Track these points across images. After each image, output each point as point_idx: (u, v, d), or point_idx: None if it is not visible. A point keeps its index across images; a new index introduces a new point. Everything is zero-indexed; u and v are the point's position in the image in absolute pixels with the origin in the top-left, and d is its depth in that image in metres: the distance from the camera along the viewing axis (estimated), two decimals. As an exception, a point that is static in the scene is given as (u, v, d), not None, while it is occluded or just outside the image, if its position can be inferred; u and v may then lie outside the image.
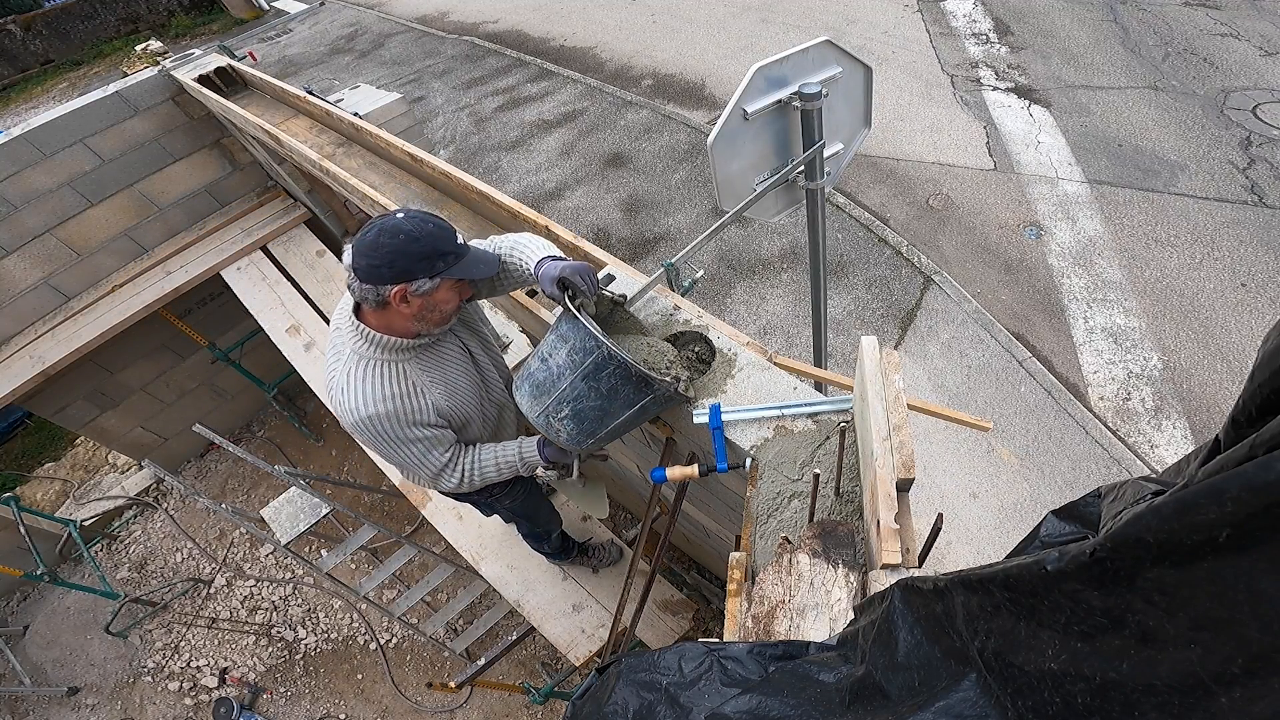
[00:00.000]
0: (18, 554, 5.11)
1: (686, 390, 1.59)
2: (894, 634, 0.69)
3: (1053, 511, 0.79)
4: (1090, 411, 4.16)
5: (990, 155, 6.07)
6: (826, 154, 2.17)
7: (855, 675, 0.73)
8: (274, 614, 5.27)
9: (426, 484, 1.90)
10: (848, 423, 1.48)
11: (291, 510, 3.36)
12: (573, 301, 1.53)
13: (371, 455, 3.65)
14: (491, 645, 3.64)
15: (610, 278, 1.94)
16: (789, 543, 1.20)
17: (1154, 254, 4.97)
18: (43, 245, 4.29)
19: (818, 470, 1.25)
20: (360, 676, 4.87)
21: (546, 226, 2.38)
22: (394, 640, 4.98)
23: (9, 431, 7.35)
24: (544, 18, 10.83)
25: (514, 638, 3.55)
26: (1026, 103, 6.54)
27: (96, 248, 4.50)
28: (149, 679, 5.05)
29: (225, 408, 6.41)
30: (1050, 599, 0.50)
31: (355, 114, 3.67)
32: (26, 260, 4.27)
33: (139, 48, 12.98)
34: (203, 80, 4.21)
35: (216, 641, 5.17)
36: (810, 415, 1.54)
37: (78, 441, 6.99)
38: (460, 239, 1.52)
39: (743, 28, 8.91)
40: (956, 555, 3.67)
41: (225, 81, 4.35)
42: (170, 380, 5.78)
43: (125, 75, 5.77)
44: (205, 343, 5.51)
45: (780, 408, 1.56)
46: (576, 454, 1.84)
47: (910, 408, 1.37)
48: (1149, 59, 6.73)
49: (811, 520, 1.29)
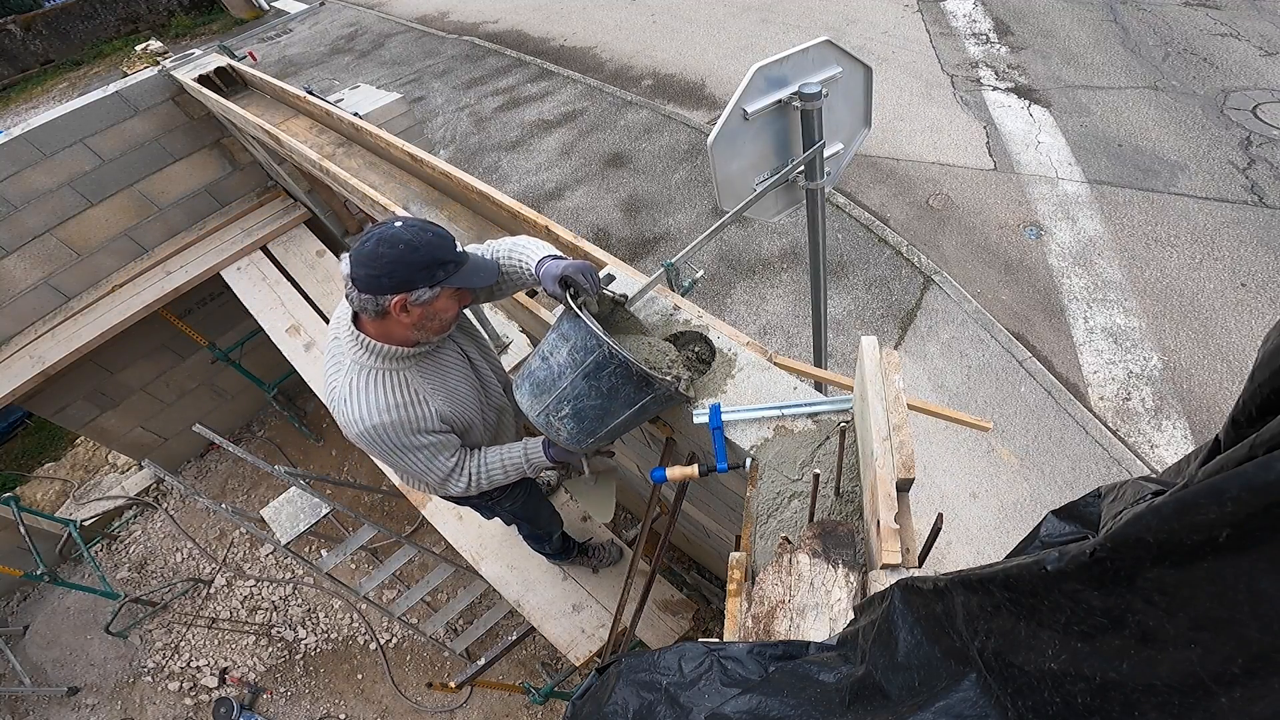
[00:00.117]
0: (18, 554, 5.12)
1: (687, 390, 1.59)
2: (894, 634, 0.69)
3: (1053, 511, 0.79)
4: (1090, 411, 4.16)
5: (990, 155, 6.07)
6: (826, 154, 2.17)
7: (855, 675, 0.73)
8: (274, 614, 5.27)
9: (434, 490, 1.89)
10: (848, 423, 1.47)
11: (291, 510, 3.36)
12: (575, 300, 1.53)
13: (376, 461, 3.65)
14: (491, 645, 3.64)
15: (610, 278, 1.94)
16: (789, 543, 1.20)
17: (1154, 254, 4.97)
18: (43, 245, 4.29)
19: (818, 470, 1.25)
20: (360, 676, 4.87)
21: (546, 226, 2.38)
22: (394, 640, 4.98)
23: (9, 431, 7.35)
24: (544, 18, 10.83)
25: (514, 638, 3.55)
26: (1026, 103, 6.54)
27: (96, 248, 4.51)
28: (149, 679, 5.05)
29: (225, 408, 6.41)
30: (1050, 599, 0.50)
31: (355, 114, 3.66)
32: (26, 260, 4.27)
33: (139, 48, 12.97)
34: (203, 80, 4.21)
35: (216, 641, 5.17)
36: (810, 415, 1.54)
37: (78, 441, 6.99)
38: (459, 247, 1.52)
39: (743, 28, 8.91)
40: (956, 555, 3.67)
41: (225, 81, 4.36)
42: (170, 380, 5.78)
43: (125, 75, 5.77)
44: (205, 343, 5.51)
45: (780, 408, 1.56)
46: (583, 452, 1.84)
47: (910, 408, 1.36)
48: (1149, 59, 6.73)
49: (811, 520, 1.29)
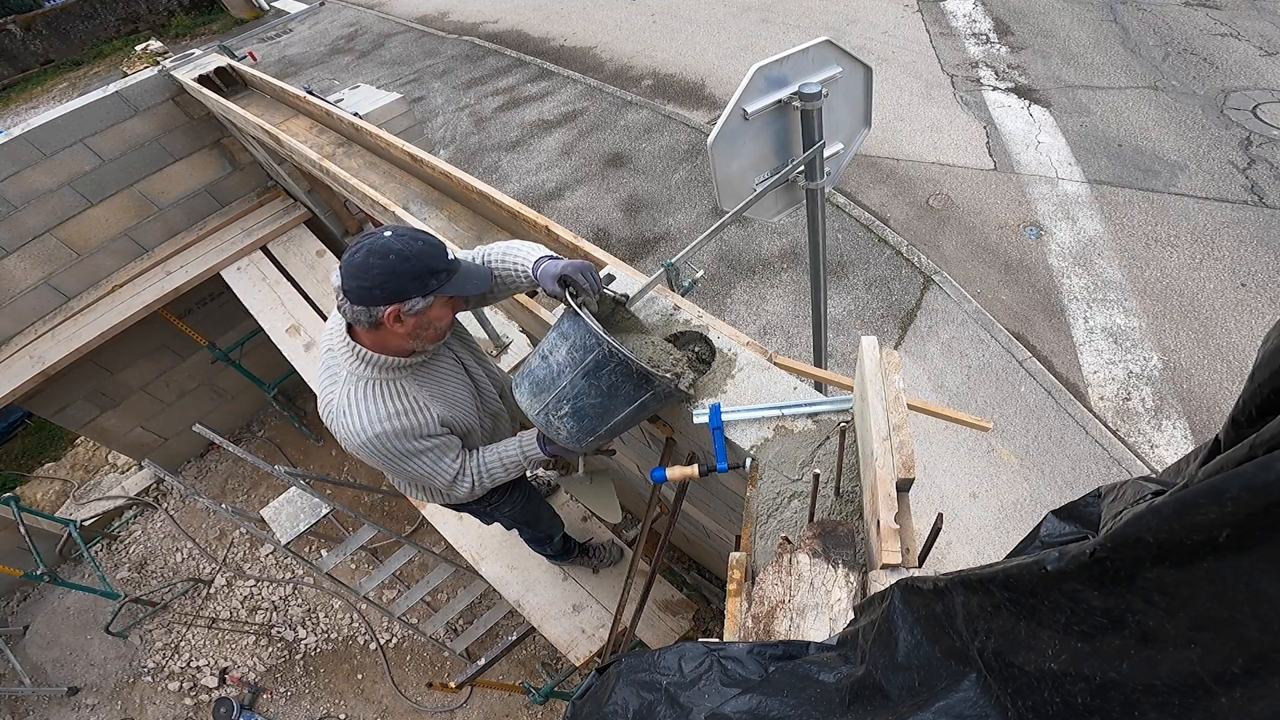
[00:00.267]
0: (18, 554, 5.12)
1: (687, 388, 1.59)
2: (894, 634, 0.69)
3: (1053, 511, 0.78)
4: (1090, 411, 4.16)
5: (990, 155, 6.07)
6: (826, 154, 2.17)
7: (855, 675, 0.73)
8: (274, 614, 5.27)
9: (442, 495, 1.88)
10: (848, 423, 1.47)
11: (291, 510, 3.36)
12: (574, 299, 1.54)
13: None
14: (491, 645, 3.64)
15: (610, 278, 1.94)
16: (789, 543, 1.20)
17: (1154, 254, 4.97)
18: (43, 245, 4.29)
19: (818, 470, 1.25)
20: (360, 676, 4.87)
21: (547, 227, 2.37)
22: (394, 640, 4.98)
23: (9, 431, 7.35)
24: (544, 18, 10.82)
25: (514, 638, 3.55)
26: (1026, 103, 6.54)
27: (96, 248, 4.50)
28: (149, 679, 5.05)
29: (225, 408, 6.41)
30: (1050, 599, 0.50)
31: (355, 114, 3.66)
32: (26, 260, 4.27)
33: (139, 48, 12.96)
34: (203, 80, 4.21)
35: (216, 641, 5.17)
36: (810, 415, 1.54)
37: (78, 441, 6.99)
38: (450, 255, 1.51)
39: (743, 28, 8.91)
40: (956, 555, 3.67)
41: (225, 81, 4.36)
42: (170, 380, 5.78)
43: (125, 75, 5.77)
44: (205, 343, 5.51)
45: (780, 408, 1.56)
46: (582, 451, 1.84)
47: (910, 408, 1.36)
48: (1149, 59, 6.73)
49: (811, 520, 1.29)
